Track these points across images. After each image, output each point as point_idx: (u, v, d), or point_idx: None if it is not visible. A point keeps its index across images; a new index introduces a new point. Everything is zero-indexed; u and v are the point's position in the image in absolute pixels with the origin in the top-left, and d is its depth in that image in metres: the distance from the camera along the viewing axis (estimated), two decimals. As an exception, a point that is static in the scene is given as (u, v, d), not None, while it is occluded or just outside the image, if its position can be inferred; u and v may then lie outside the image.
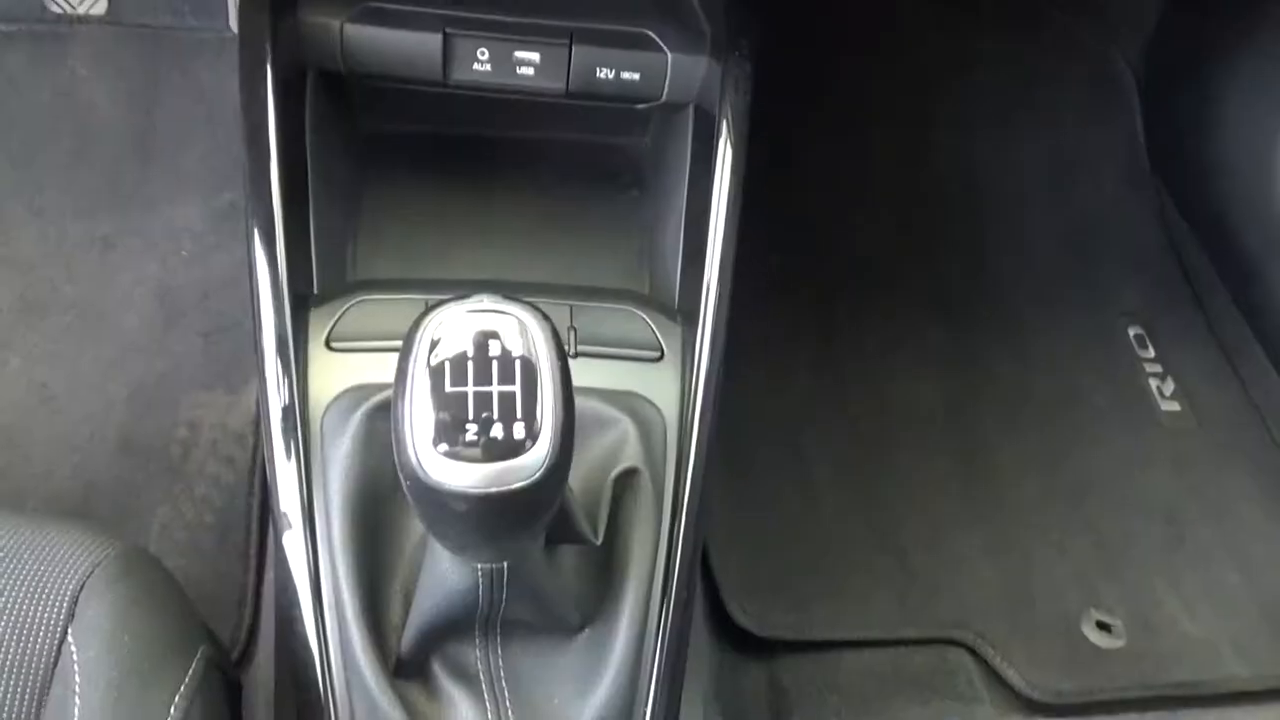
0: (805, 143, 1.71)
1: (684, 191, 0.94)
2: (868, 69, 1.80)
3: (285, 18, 0.88)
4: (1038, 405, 1.56)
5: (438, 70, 0.90)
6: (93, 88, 1.60)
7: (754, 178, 0.90)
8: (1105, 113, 1.86)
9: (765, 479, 1.41)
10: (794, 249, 1.64)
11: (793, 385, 1.52)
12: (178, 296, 1.48)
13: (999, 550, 1.40)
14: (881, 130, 1.77)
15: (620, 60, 0.91)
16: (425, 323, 0.56)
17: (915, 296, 1.65)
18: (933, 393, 1.55)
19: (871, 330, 1.60)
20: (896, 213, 1.73)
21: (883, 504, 1.41)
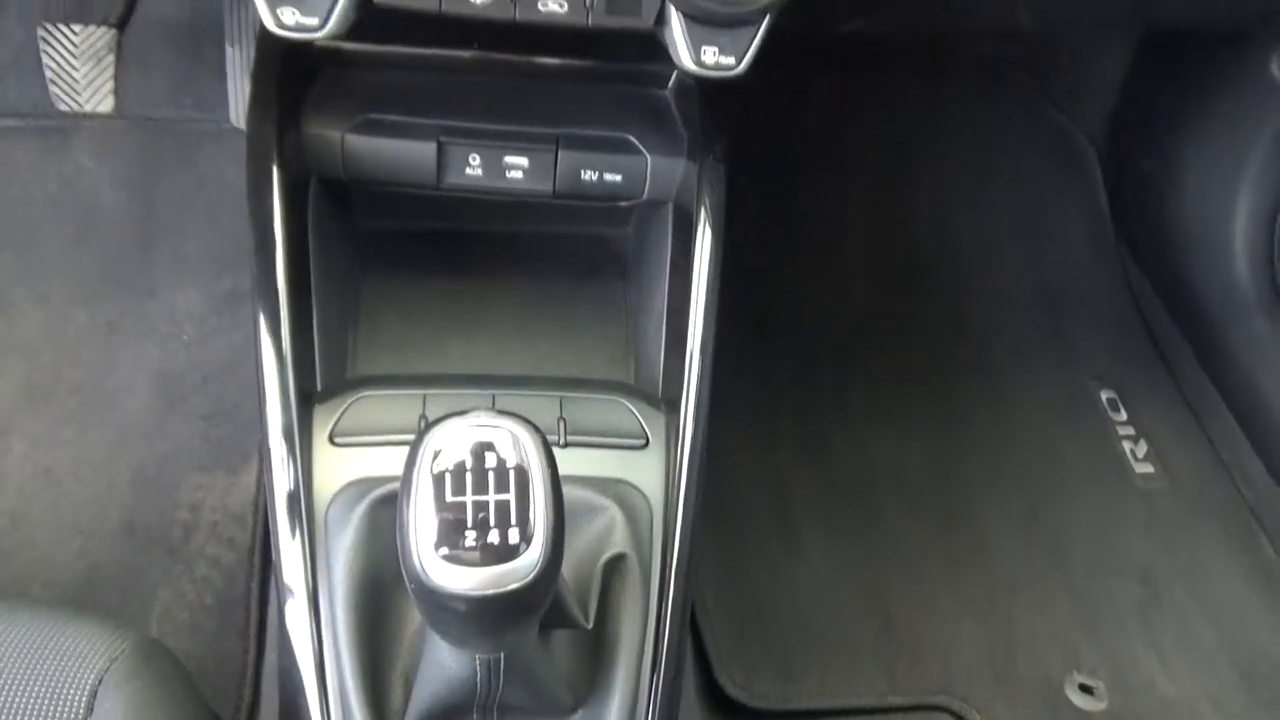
0: (780, 210, 1.78)
1: (665, 283, 0.99)
2: (839, 137, 1.88)
3: (290, 129, 0.94)
4: (1017, 467, 1.61)
5: (432, 176, 0.96)
6: (97, 178, 1.66)
7: (732, 249, 0.96)
8: (1070, 180, 1.94)
9: (754, 547, 1.45)
10: (773, 315, 1.70)
11: (778, 452, 1.56)
12: (179, 380, 1.52)
13: (983, 612, 1.44)
14: (855, 196, 1.85)
15: (603, 163, 0.97)
16: (428, 436, 0.60)
17: (895, 360, 1.71)
18: (916, 456, 1.60)
19: (854, 395, 1.66)
20: (872, 277, 1.79)
21: (870, 569, 1.45)
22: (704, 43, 0.80)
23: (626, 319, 1.07)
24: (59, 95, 1.62)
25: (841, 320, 1.71)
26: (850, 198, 1.84)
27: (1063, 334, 1.77)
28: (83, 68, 1.61)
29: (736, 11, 0.76)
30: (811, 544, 1.48)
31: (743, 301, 1.50)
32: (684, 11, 0.78)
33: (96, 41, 1.61)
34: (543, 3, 0.77)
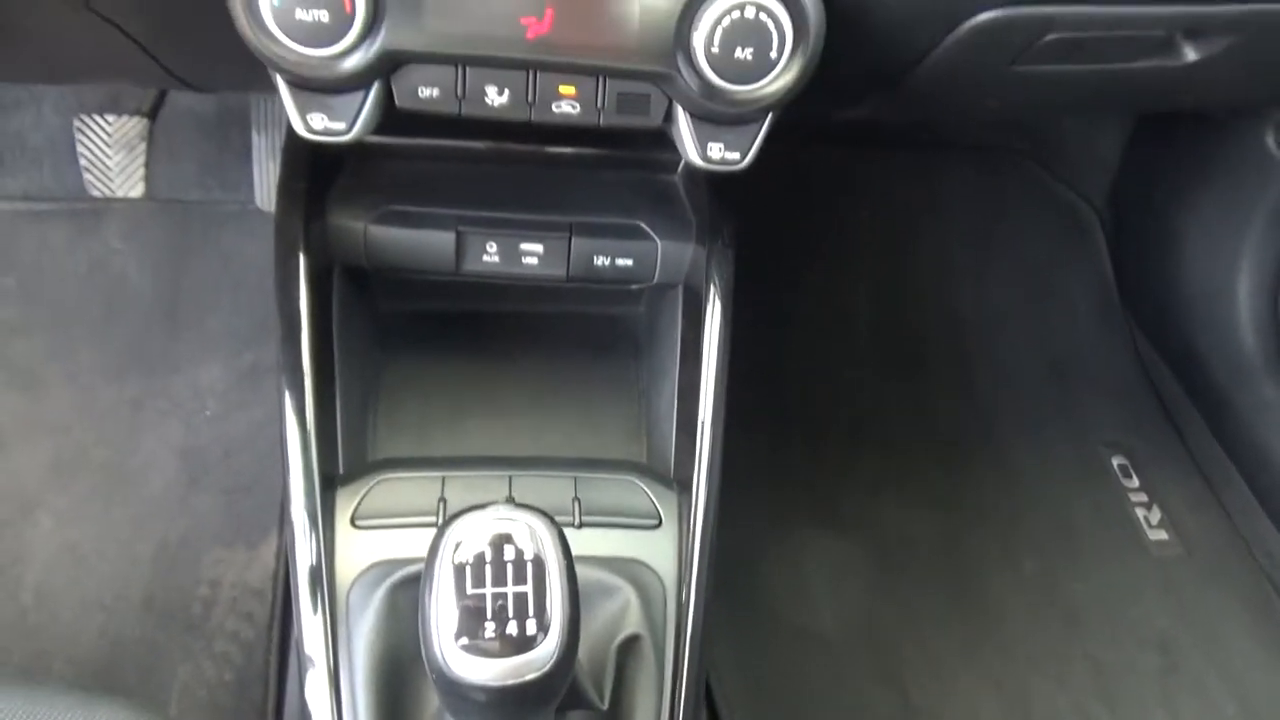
0: (786, 282, 1.81)
1: (676, 364, 1.02)
2: (842, 211, 1.92)
3: (316, 220, 0.99)
4: (1029, 536, 1.61)
5: (451, 263, 1.00)
6: (125, 259, 1.71)
7: (741, 327, 0.99)
8: (1073, 248, 1.98)
9: (768, 620, 1.45)
10: (783, 387, 1.72)
11: (790, 525, 1.57)
12: (201, 455, 1.55)
13: (1000, 685, 1.43)
14: (860, 268, 1.88)
15: (615, 249, 1.01)
16: (449, 528, 0.63)
17: (904, 430, 1.72)
18: (928, 526, 1.61)
19: (865, 465, 1.67)
20: (879, 347, 1.82)
21: (884, 642, 1.45)
22: (710, 139, 0.84)
23: (639, 397, 1.10)
24: (92, 182, 1.69)
25: (850, 391, 1.73)
26: (855, 270, 1.88)
27: (1072, 401, 1.79)
28: (116, 156, 1.68)
29: (740, 111, 0.80)
30: (825, 617, 1.48)
31: (752, 373, 1.53)
32: (690, 111, 0.82)
33: (129, 131, 1.68)
34: (556, 105, 0.81)
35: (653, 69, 0.78)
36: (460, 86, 0.79)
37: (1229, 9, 0.87)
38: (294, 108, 0.80)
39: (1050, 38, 0.88)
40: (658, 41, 0.76)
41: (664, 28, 0.76)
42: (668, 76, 0.79)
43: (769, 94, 0.77)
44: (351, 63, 0.75)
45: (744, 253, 1.04)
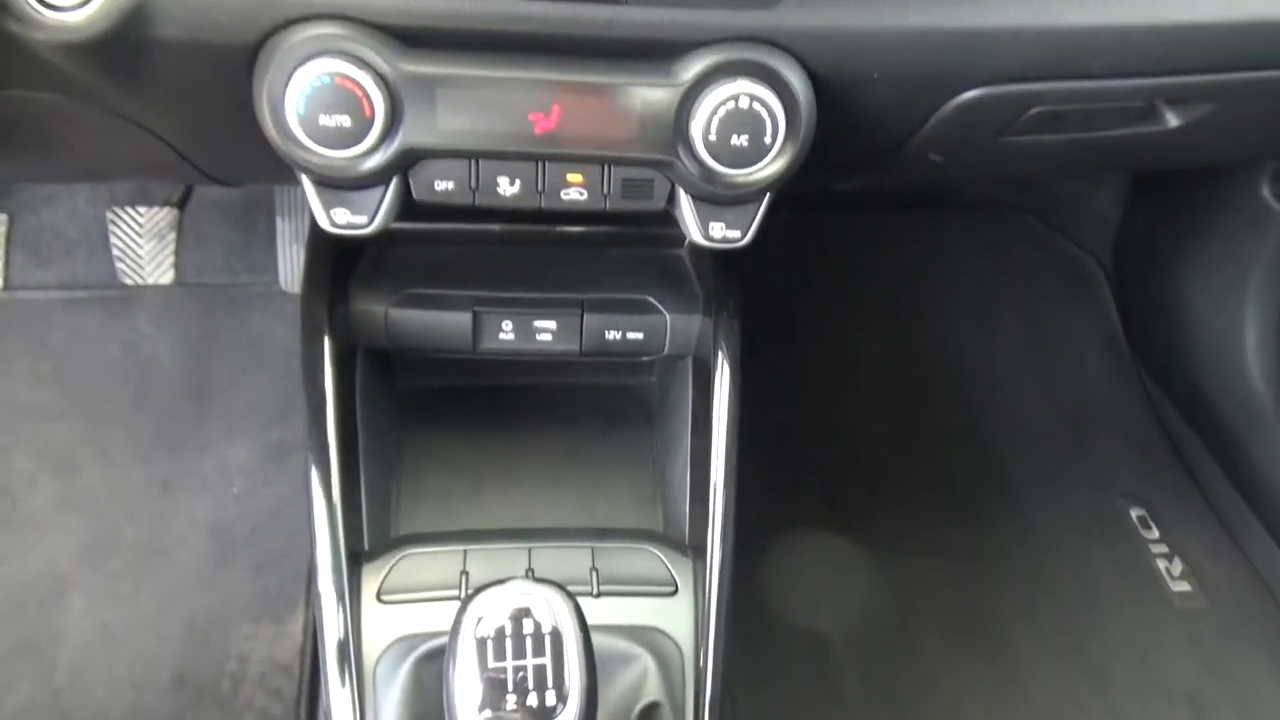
0: (794, 341, 1.84)
1: (688, 433, 1.05)
2: (847, 272, 1.96)
3: (340, 305, 1.04)
4: (1051, 592, 1.61)
5: (469, 342, 1.04)
6: (155, 342, 1.77)
7: (751, 392, 1.02)
8: (1078, 300, 2.00)
9: (790, 685, 1.45)
10: (795, 448, 1.75)
11: (809, 585, 1.58)
12: (229, 532, 1.59)
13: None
14: (867, 327, 1.91)
15: (626, 323, 1.05)
16: (471, 604, 0.66)
17: (919, 484, 1.73)
18: (948, 585, 1.61)
19: (881, 525, 1.68)
20: (891, 405, 1.84)
21: (908, 708, 1.44)
22: (711, 219, 0.88)
23: (653, 465, 1.13)
24: (125, 271, 1.75)
25: (863, 450, 1.75)
26: (862, 326, 1.91)
27: (1086, 454, 1.79)
28: (146, 245, 1.75)
29: (739, 193, 0.84)
30: (847, 681, 1.49)
31: (764, 431, 1.55)
32: (691, 194, 0.87)
33: (159, 221, 1.75)
34: (565, 192, 0.86)
35: (655, 157, 0.83)
36: (474, 178, 0.84)
37: (1205, 79, 0.91)
38: (318, 204, 0.85)
39: (1034, 111, 0.92)
40: (658, 131, 0.81)
41: (664, 119, 0.80)
42: (669, 163, 0.83)
43: (765, 177, 0.82)
44: (372, 162, 0.80)
45: (751, 315, 1.08)
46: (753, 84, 0.78)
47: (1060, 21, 0.82)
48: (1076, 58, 0.85)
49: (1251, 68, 0.90)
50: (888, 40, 0.81)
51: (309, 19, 0.75)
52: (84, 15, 0.73)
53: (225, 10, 0.75)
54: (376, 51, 0.76)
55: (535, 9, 0.77)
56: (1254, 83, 0.92)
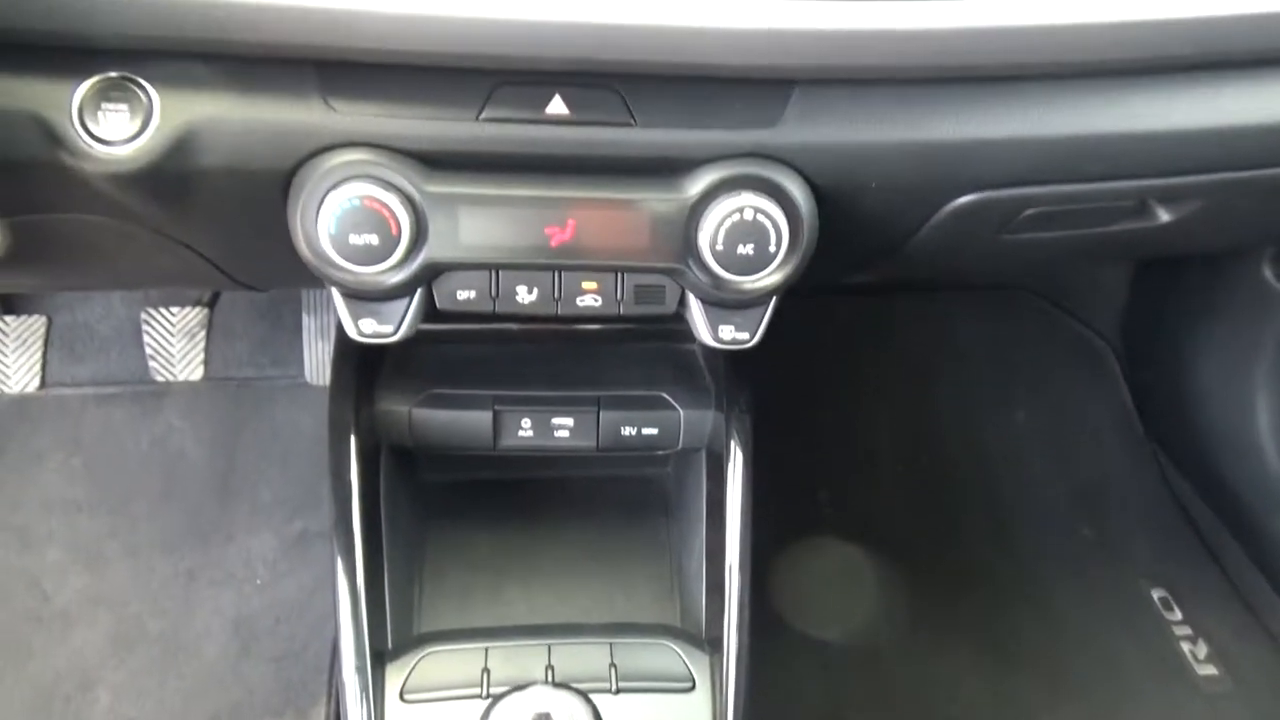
0: (810, 425, 1.86)
1: (703, 526, 1.08)
2: (858, 356, 1.99)
3: (365, 406, 1.08)
4: (1073, 675, 1.59)
5: (489, 440, 1.08)
6: (183, 435, 1.82)
7: (764, 468, 1.05)
8: (1091, 381, 2.02)
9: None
10: (812, 531, 1.75)
11: (829, 668, 1.57)
12: (252, 624, 1.60)
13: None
14: (883, 407, 1.93)
15: (640, 420, 1.08)
16: (494, 710, 0.68)
17: (939, 568, 1.73)
18: (971, 670, 1.60)
19: (900, 609, 1.68)
20: (906, 487, 1.85)
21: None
22: (721, 322, 0.92)
23: (670, 557, 1.15)
24: (156, 369, 1.81)
25: (880, 532, 1.75)
26: (877, 410, 1.93)
27: (1105, 534, 1.79)
28: (178, 343, 1.81)
29: (746, 298, 0.88)
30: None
31: (781, 518, 1.56)
32: (701, 298, 0.91)
33: (191, 320, 1.81)
34: (580, 299, 0.90)
35: (665, 266, 0.87)
36: (494, 288, 0.89)
37: (1193, 179, 0.95)
38: (347, 315, 0.89)
39: (1029, 212, 0.96)
40: (668, 242, 0.85)
41: (673, 230, 0.85)
42: (679, 271, 0.87)
43: (771, 284, 0.86)
44: (398, 276, 0.85)
45: (763, 401, 1.11)
46: (756, 197, 0.83)
47: (1047, 131, 0.87)
48: (1065, 164, 0.90)
49: (1236, 168, 0.94)
50: (883, 152, 0.86)
51: (340, 146, 0.81)
52: (132, 149, 0.79)
53: (264, 140, 0.81)
54: (403, 174, 0.81)
55: (550, 133, 0.82)
56: (1240, 181, 0.96)
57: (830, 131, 0.84)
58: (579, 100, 0.81)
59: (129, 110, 0.79)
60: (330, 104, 0.80)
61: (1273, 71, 0.89)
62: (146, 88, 0.78)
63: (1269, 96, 0.89)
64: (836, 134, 0.84)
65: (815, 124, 0.84)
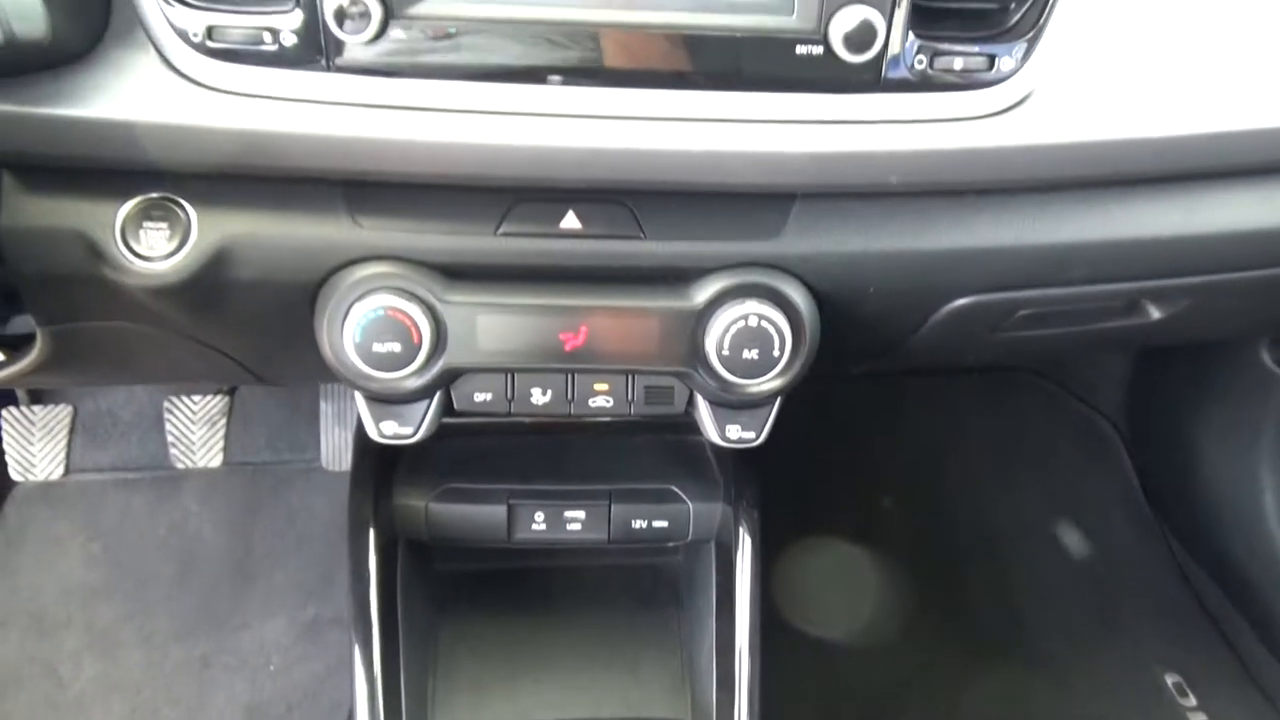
0: (817, 504, 1.88)
1: (713, 618, 1.10)
2: (867, 434, 2.01)
3: (384, 500, 1.11)
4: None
5: (504, 534, 1.11)
6: (200, 520, 1.84)
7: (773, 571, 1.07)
8: (1096, 461, 2.04)
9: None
10: (823, 611, 1.76)
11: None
12: (264, 711, 1.61)
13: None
14: (890, 487, 1.95)
15: (651, 512, 1.11)
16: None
17: (948, 651, 1.73)
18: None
19: (912, 687, 1.67)
20: (915, 569, 1.85)
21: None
22: (728, 422, 0.96)
23: (681, 650, 1.17)
24: (177, 456, 1.85)
25: (888, 616, 1.75)
26: (884, 489, 1.94)
27: (1116, 617, 1.79)
28: (199, 431, 1.85)
29: (752, 399, 0.92)
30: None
31: (789, 593, 1.57)
32: (708, 399, 0.94)
33: (212, 409, 1.86)
34: (592, 400, 0.94)
35: (673, 369, 0.91)
36: (510, 390, 0.93)
37: (1179, 282, 0.99)
38: (369, 417, 0.93)
39: (1023, 313, 1.00)
40: (676, 347, 0.89)
41: (681, 336, 0.89)
42: (687, 374, 0.91)
43: (775, 387, 0.89)
44: (419, 381, 0.89)
45: (772, 485, 1.14)
46: (760, 304, 0.87)
47: (1036, 240, 0.91)
48: (1055, 270, 0.94)
49: (1219, 270, 0.98)
50: (880, 261, 0.90)
51: (365, 260, 0.86)
52: (171, 264, 0.84)
53: (294, 254, 0.86)
54: (425, 286, 0.86)
55: (564, 246, 0.87)
56: (1224, 282, 1.00)
57: (829, 241, 0.89)
58: (591, 215, 0.86)
59: (168, 228, 0.84)
60: (357, 221, 0.85)
61: (1247, 181, 0.93)
62: (185, 207, 0.84)
63: (1244, 204, 0.94)
64: (835, 244, 0.89)
65: (815, 235, 0.88)
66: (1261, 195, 0.94)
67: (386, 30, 0.75)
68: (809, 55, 0.77)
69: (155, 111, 0.77)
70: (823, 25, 0.76)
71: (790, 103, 0.80)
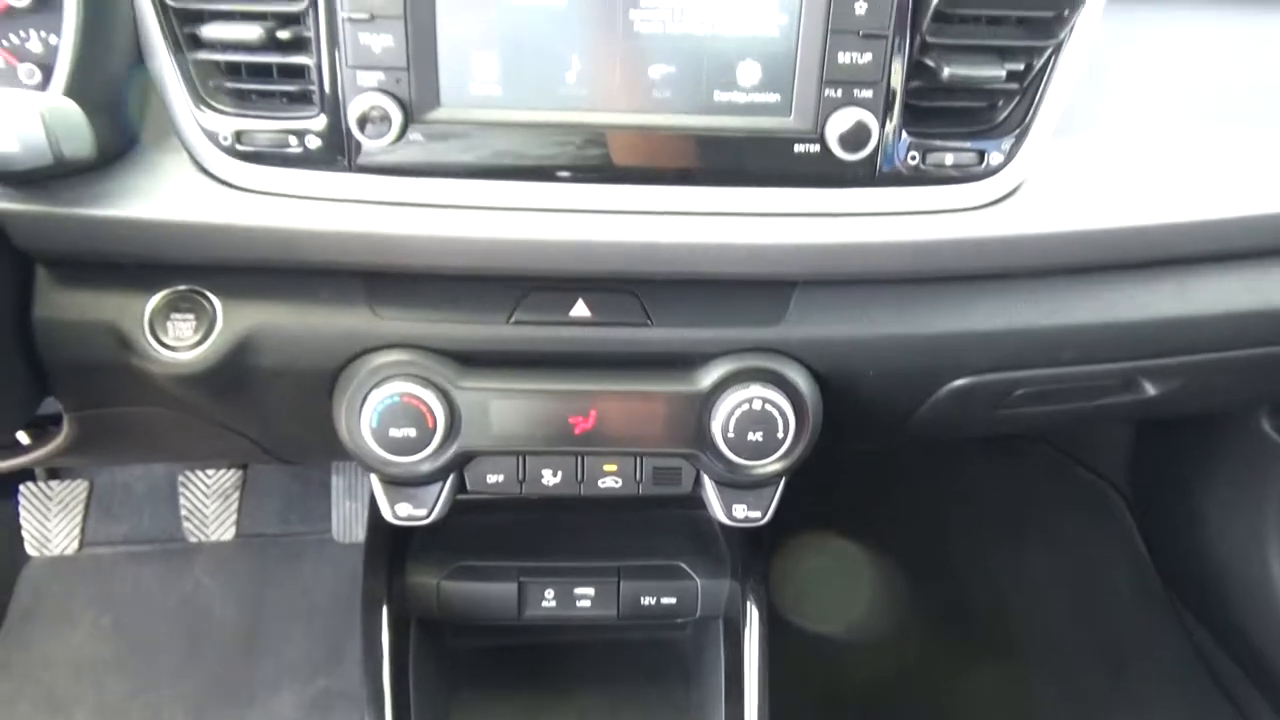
0: (824, 571, 1.88)
1: (721, 698, 1.10)
2: (874, 500, 2.02)
3: (397, 578, 1.13)
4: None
5: (514, 611, 1.13)
6: (211, 593, 1.85)
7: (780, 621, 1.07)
8: (1103, 528, 2.04)
9: None
10: (834, 681, 1.75)
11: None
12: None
13: None
14: (898, 554, 1.95)
15: (659, 589, 1.13)
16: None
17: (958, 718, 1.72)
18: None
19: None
20: (924, 637, 1.85)
21: None
22: (734, 502, 0.98)
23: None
24: (191, 530, 1.86)
25: (897, 688, 1.75)
26: (892, 556, 1.94)
27: (1127, 687, 1.78)
28: (212, 505, 1.87)
29: (756, 479, 0.94)
30: None
31: (798, 655, 1.57)
32: (714, 480, 0.97)
33: (225, 482, 1.88)
34: (602, 480, 0.96)
35: (680, 451, 0.94)
36: (521, 471, 0.95)
37: (1170, 361, 1.02)
38: (384, 499, 0.96)
39: (1020, 392, 1.03)
40: (683, 430, 0.92)
41: (687, 419, 0.92)
42: (694, 455, 0.94)
43: (779, 468, 0.92)
44: (433, 465, 0.91)
45: (780, 552, 1.15)
46: (764, 388, 0.90)
47: (1028, 324, 0.94)
48: (1050, 351, 0.97)
49: (1211, 350, 1.01)
50: (879, 344, 0.93)
51: (383, 348, 0.89)
52: (197, 354, 0.87)
53: (315, 343, 0.89)
54: (440, 373, 0.89)
55: (574, 333, 0.90)
56: (1217, 360, 1.03)
57: (829, 327, 0.92)
58: (600, 304, 0.89)
59: (195, 319, 0.88)
60: (376, 311, 0.88)
61: (1239, 264, 0.97)
62: (211, 299, 0.87)
63: (1236, 286, 0.97)
64: (835, 329, 0.92)
65: (815, 320, 0.92)
66: (1253, 277, 0.97)
67: (406, 134, 0.79)
68: (806, 153, 0.81)
69: (187, 211, 0.81)
70: (819, 126, 0.80)
71: (789, 197, 0.84)
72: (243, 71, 0.80)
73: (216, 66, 0.80)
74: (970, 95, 0.84)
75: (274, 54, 0.78)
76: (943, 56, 0.80)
